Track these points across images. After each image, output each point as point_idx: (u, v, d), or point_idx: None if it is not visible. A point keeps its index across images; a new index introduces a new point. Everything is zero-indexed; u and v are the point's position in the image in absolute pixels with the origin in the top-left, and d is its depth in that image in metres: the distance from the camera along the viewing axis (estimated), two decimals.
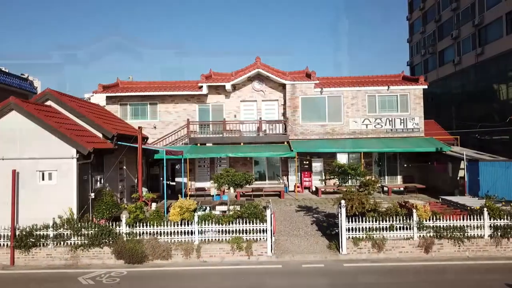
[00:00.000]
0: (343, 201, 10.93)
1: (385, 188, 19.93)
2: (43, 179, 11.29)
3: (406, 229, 10.89)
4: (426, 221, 10.90)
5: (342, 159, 20.99)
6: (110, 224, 10.76)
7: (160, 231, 10.79)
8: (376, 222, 10.91)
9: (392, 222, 10.90)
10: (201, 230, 10.82)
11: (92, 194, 12.19)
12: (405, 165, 21.27)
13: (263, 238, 10.79)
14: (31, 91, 24.64)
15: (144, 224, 10.79)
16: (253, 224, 10.87)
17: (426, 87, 20.80)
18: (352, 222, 10.91)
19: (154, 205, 16.50)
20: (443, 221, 10.92)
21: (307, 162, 21.36)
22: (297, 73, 23.08)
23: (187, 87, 21.76)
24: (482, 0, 31.44)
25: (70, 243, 10.63)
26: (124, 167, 15.39)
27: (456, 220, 10.98)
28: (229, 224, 10.90)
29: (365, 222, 10.91)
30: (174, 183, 21.48)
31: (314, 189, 20.85)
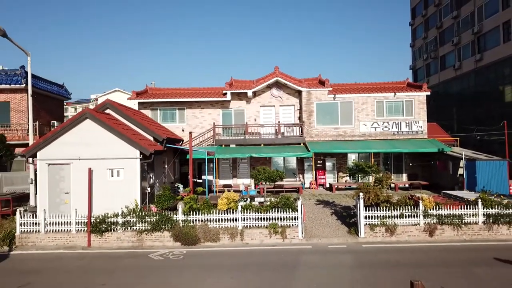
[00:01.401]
0: (361, 194, 13.16)
1: (392, 185, 22.16)
2: (112, 175, 13.57)
3: (414, 217, 13.10)
4: (430, 210, 13.12)
5: (352, 158, 23.24)
6: (168, 213, 13.01)
7: (210, 219, 13.04)
8: (388, 211, 13.13)
9: (402, 211, 13.12)
10: (244, 217, 13.05)
11: (149, 189, 14.45)
12: (410, 164, 23.49)
13: (295, 224, 13.01)
14: (66, 97, 26.95)
15: (197, 212, 13.03)
16: (287, 212, 13.10)
17: (429, 93, 23.02)
18: (369, 211, 13.13)
19: None
20: (444, 210, 13.15)
21: (321, 162, 23.58)
22: (310, 80, 25.30)
23: (212, 94, 24.00)
24: (481, 9, 33.62)
25: (136, 228, 12.87)
26: (166, 165, 17.66)
27: (456, 209, 13.21)
28: (267, 213, 13.13)
29: (380, 211, 13.14)
30: (200, 181, 23.71)
31: (328, 186, 23.08)
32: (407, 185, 22.53)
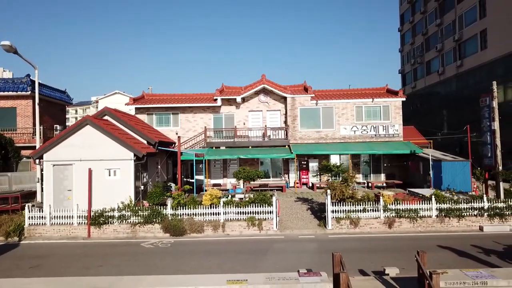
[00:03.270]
0: (328, 190, 14.91)
1: (370, 184, 23.90)
2: (109, 175, 15.35)
3: (375, 211, 14.85)
4: (389, 205, 14.87)
5: (334, 160, 24.99)
6: (159, 208, 14.77)
7: (196, 213, 14.79)
8: (353, 206, 14.88)
9: (365, 206, 14.87)
10: (225, 211, 14.80)
11: (142, 187, 16.22)
12: (385, 165, 25.24)
13: (270, 217, 14.76)
14: (68, 102, 28.74)
15: (184, 207, 14.79)
16: (263, 207, 14.85)
17: (404, 99, 24.79)
18: (335, 206, 14.88)
19: None
20: (402, 205, 14.89)
21: (305, 162, 25.34)
22: (295, 86, 27.08)
23: (204, 100, 25.79)
24: (462, 18, 35.45)
25: (130, 221, 14.62)
26: (159, 166, 19.43)
27: (413, 204, 14.95)
28: (245, 207, 14.88)
29: (345, 206, 14.89)
30: (193, 180, 25.46)
31: (310, 185, 24.83)
32: (384, 184, 24.25)
